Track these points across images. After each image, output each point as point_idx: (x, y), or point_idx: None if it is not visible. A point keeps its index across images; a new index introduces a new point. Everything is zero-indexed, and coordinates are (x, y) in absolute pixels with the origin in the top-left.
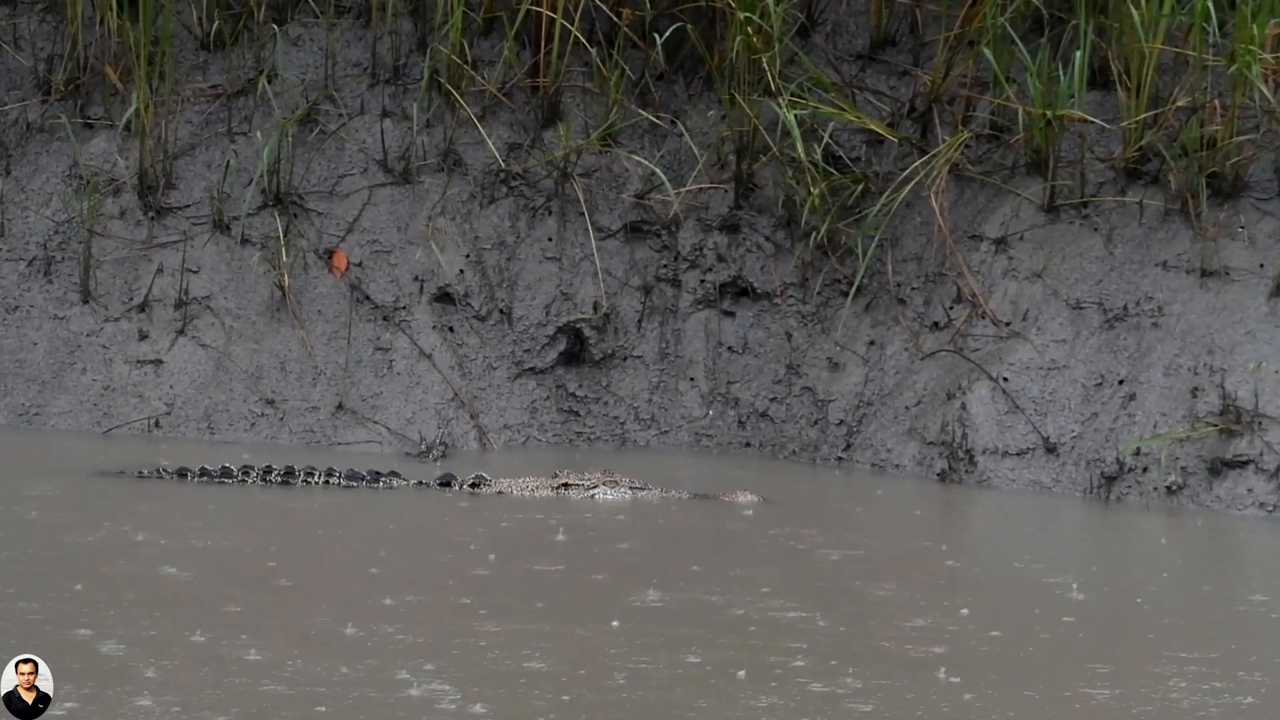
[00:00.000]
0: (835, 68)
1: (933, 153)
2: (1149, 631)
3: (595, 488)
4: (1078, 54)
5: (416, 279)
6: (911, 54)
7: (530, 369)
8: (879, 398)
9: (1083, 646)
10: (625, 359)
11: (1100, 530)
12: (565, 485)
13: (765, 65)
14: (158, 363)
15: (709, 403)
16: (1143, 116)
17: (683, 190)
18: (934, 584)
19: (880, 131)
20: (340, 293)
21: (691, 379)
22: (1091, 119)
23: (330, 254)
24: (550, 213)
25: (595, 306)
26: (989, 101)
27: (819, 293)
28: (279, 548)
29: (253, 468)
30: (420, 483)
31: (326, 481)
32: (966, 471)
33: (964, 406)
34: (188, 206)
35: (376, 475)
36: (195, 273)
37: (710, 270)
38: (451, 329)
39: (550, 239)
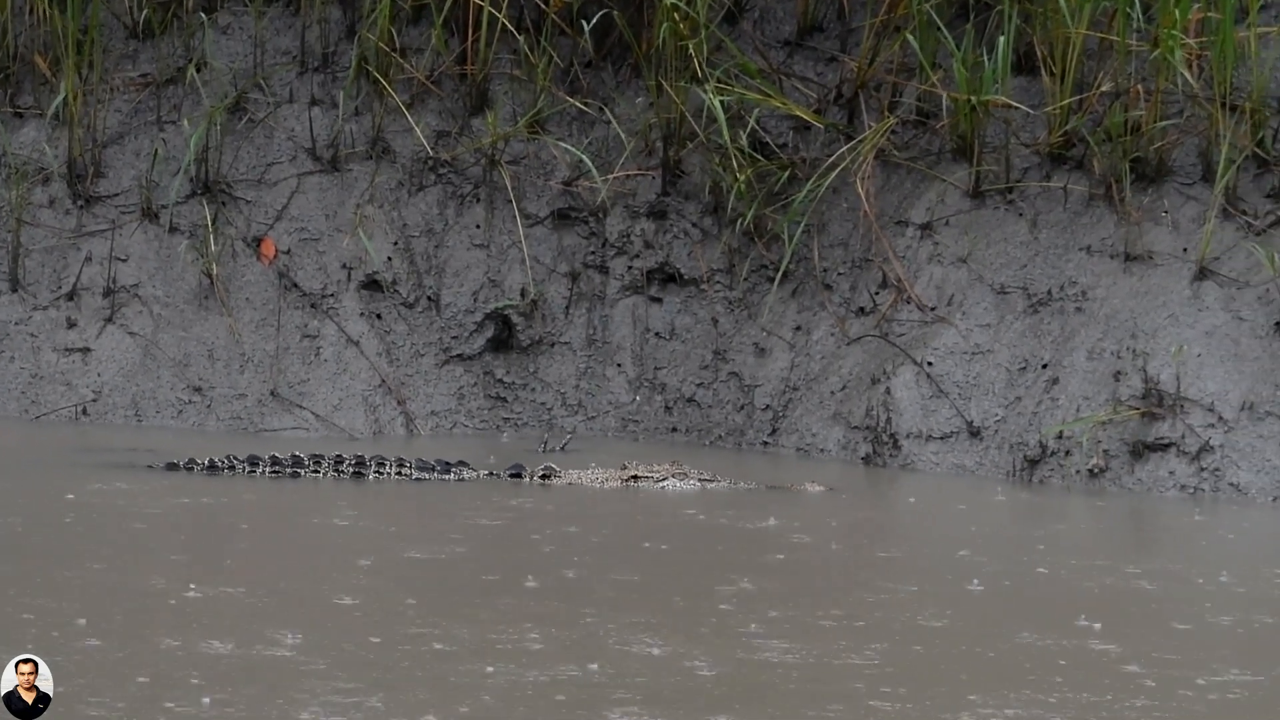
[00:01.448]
0: (762, 54)
1: (859, 138)
2: None
3: (665, 479)
4: (1002, 39)
5: (344, 266)
6: (839, 40)
7: (458, 356)
8: (805, 382)
9: None
10: (553, 345)
11: None
12: (635, 477)
13: (692, 52)
14: (86, 350)
15: (636, 388)
16: (1067, 102)
17: (610, 177)
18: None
19: (807, 118)
20: (268, 280)
21: (619, 365)
22: (1016, 104)
23: (258, 242)
24: (478, 200)
25: (523, 293)
26: (915, 87)
27: (746, 279)
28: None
29: (323, 458)
30: (491, 473)
31: (398, 472)
32: (891, 455)
33: (888, 391)
34: (116, 195)
35: (447, 466)
36: (124, 261)
37: (637, 256)
38: (379, 316)
39: (478, 226)
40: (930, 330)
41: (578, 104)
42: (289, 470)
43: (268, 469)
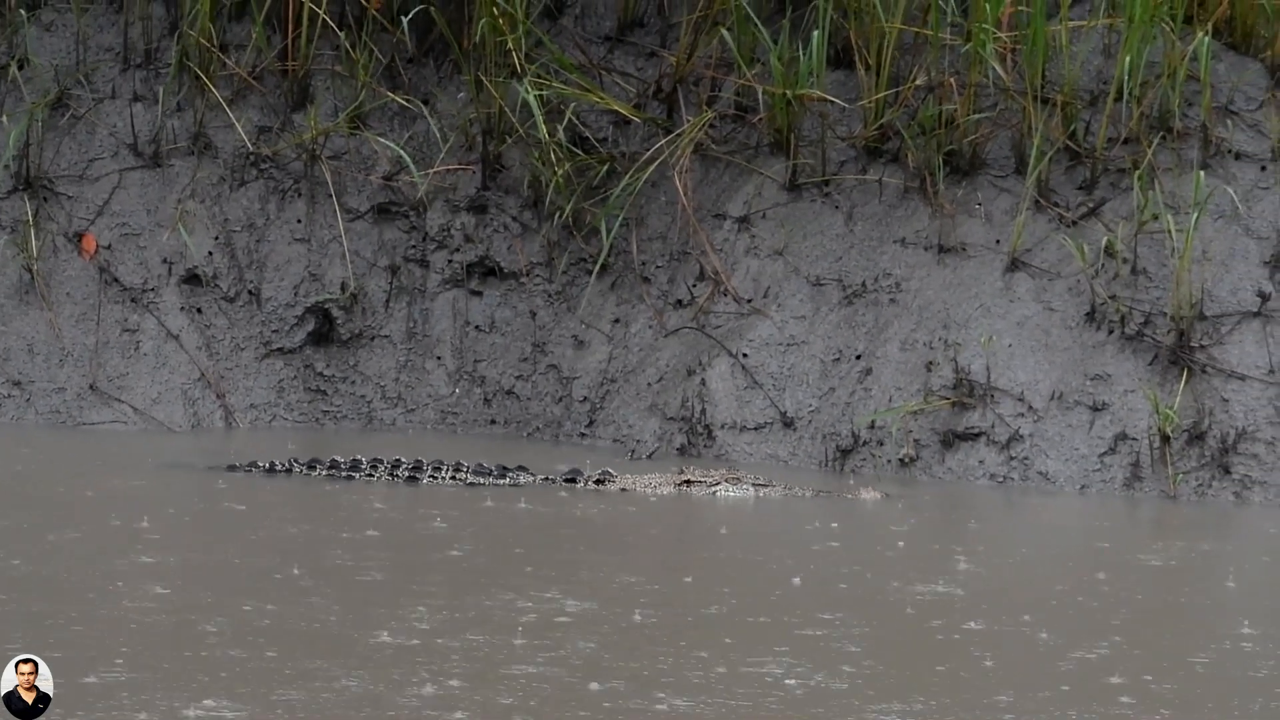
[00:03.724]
0: (583, 50)
1: (677, 132)
2: None
3: (717, 485)
4: (816, 34)
5: (165, 261)
6: (659, 36)
7: (278, 349)
8: (622, 375)
9: None
10: (373, 339)
11: None
12: (688, 482)
13: (511, 48)
14: None
15: (455, 381)
16: (882, 95)
17: (430, 172)
18: None
19: (625, 112)
20: (89, 275)
21: (439, 358)
22: (831, 99)
23: (80, 237)
24: (299, 195)
25: (343, 287)
26: (733, 82)
27: (565, 272)
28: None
29: (381, 461)
30: (546, 478)
31: (454, 477)
32: (705, 446)
33: (704, 382)
34: None
35: (504, 470)
36: None
37: (458, 250)
38: (200, 310)
39: (299, 221)
40: (746, 322)
41: (399, 100)
42: (345, 473)
43: (324, 471)
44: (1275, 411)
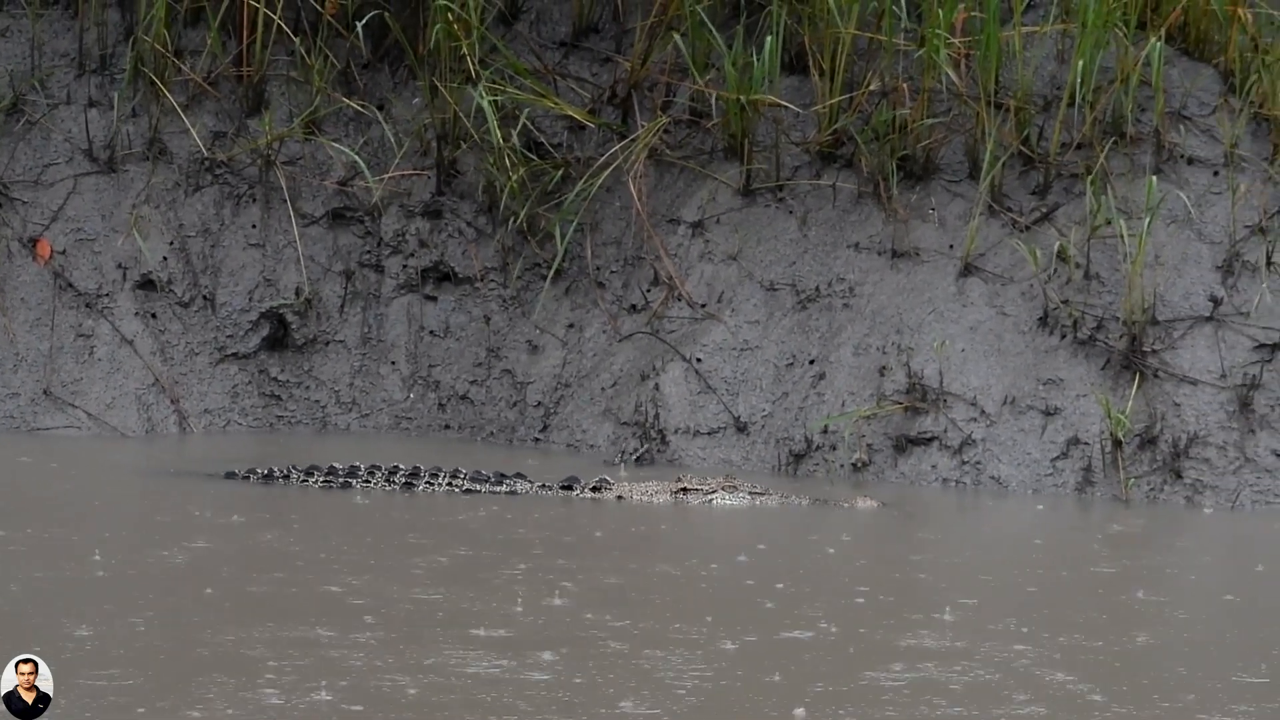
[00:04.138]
0: (538, 55)
1: (632, 138)
2: None
3: (714, 493)
4: (770, 39)
5: (120, 266)
6: (614, 41)
7: (233, 354)
8: (577, 379)
9: None
10: (327, 344)
11: None
12: (685, 490)
13: (465, 53)
14: None
15: (410, 386)
16: (836, 101)
17: (384, 177)
18: None
19: (580, 118)
20: (44, 280)
21: (393, 363)
22: (785, 104)
23: (34, 242)
24: (254, 200)
25: (298, 292)
26: (687, 87)
27: (519, 277)
28: None
29: (379, 468)
30: (543, 485)
31: (450, 484)
32: (659, 451)
33: (657, 387)
34: None
35: (501, 477)
36: None
37: (413, 255)
38: (154, 315)
39: (254, 226)
40: (700, 327)
41: (354, 105)
42: (341, 481)
43: (321, 479)
44: (1227, 416)
